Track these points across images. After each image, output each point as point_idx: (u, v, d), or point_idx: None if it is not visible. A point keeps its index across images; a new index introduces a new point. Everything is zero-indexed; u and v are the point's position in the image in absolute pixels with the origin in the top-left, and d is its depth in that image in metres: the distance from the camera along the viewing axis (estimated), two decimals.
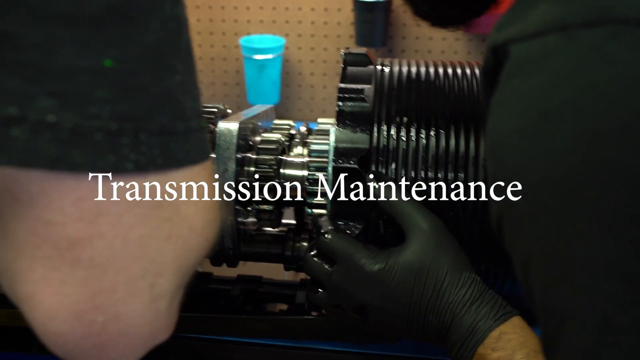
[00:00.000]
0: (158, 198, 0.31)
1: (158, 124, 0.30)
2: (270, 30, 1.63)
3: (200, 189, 0.34)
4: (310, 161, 0.60)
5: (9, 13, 0.26)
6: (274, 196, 0.62)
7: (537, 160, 0.29)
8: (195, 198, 0.34)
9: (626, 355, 0.27)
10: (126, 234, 0.31)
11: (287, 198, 0.63)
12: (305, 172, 0.62)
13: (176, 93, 0.31)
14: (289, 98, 1.73)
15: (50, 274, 0.30)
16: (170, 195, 0.32)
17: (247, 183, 0.62)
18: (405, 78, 0.57)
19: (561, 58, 0.29)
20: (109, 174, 0.29)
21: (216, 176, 0.58)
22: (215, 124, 0.65)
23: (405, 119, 0.54)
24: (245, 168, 0.62)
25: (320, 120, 0.69)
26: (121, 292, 0.32)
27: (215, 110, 0.67)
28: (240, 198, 0.60)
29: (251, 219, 0.66)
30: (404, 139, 0.54)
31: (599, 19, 0.28)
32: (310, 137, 0.69)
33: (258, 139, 0.66)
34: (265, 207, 0.63)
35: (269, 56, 1.50)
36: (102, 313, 0.32)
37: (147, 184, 0.30)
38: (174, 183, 0.32)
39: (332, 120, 0.65)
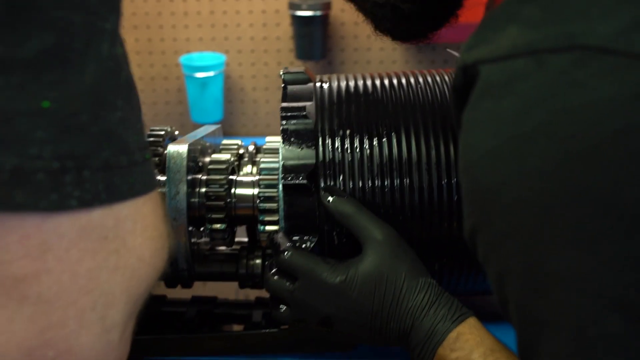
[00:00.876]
0: (104, 231, 0.32)
1: (100, 160, 0.31)
2: (210, 47, 1.63)
3: (146, 220, 0.35)
4: (261, 179, 0.61)
5: None
6: (226, 216, 0.63)
7: (512, 181, 0.31)
8: (141, 229, 0.34)
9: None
10: (74, 268, 0.31)
11: (239, 216, 0.64)
12: (256, 190, 0.63)
13: (117, 129, 0.32)
14: (233, 114, 1.74)
15: None
16: (116, 228, 0.33)
17: (198, 204, 0.63)
18: (344, 92, 0.59)
19: (531, 82, 0.30)
20: (53, 212, 0.29)
21: (168, 199, 0.59)
22: (164, 147, 0.66)
23: (347, 131, 0.56)
24: (197, 189, 0.63)
25: (268, 138, 0.70)
26: (71, 326, 0.32)
27: (163, 132, 0.68)
28: (192, 219, 0.61)
29: (204, 239, 0.67)
30: (348, 151, 0.56)
31: (566, 46, 0.30)
32: (259, 155, 0.70)
33: (207, 159, 0.67)
34: (218, 226, 0.64)
35: (210, 73, 1.50)
36: (52, 348, 0.32)
37: (92, 219, 0.31)
38: (120, 216, 0.33)
39: (280, 138, 0.67)
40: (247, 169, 0.69)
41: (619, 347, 0.29)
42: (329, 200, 0.54)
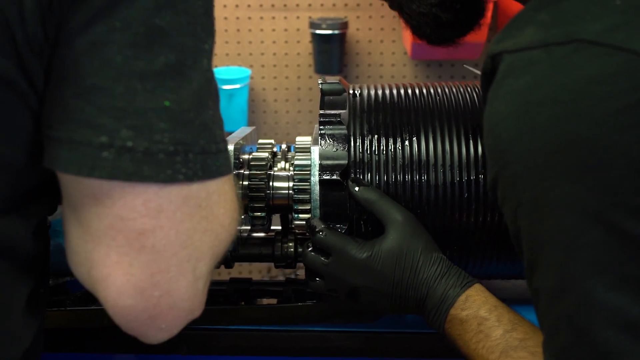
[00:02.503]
0: (199, 201, 0.40)
1: (199, 146, 0.39)
2: (236, 62, 1.76)
3: (227, 195, 0.43)
4: (295, 174, 0.71)
5: (103, 72, 0.36)
6: (265, 205, 0.74)
7: (524, 134, 0.41)
8: (223, 202, 0.42)
9: (583, 266, 0.39)
10: (178, 226, 0.39)
11: (276, 206, 0.75)
12: (291, 184, 0.74)
13: (210, 123, 0.40)
14: (256, 123, 1.86)
15: (122, 258, 0.38)
16: (207, 199, 0.40)
17: (241, 195, 0.73)
18: (373, 101, 0.70)
19: (542, 65, 0.42)
20: (168, 183, 0.38)
21: None
22: None
23: (375, 136, 0.67)
24: (240, 182, 0.74)
25: (298, 139, 0.81)
26: (173, 272, 0.40)
27: None
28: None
29: (244, 227, 0.78)
30: (375, 152, 0.66)
31: (568, 40, 0.41)
32: (290, 153, 0.81)
33: (246, 157, 0.77)
34: (258, 214, 0.74)
35: (237, 86, 1.63)
36: (158, 289, 0.40)
37: (192, 190, 0.39)
38: (209, 190, 0.40)
39: (309, 139, 0.77)
40: (281, 164, 0.78)
41: (598, 251, 0.39)
42: (356, 190, 0.64)
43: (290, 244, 0.77)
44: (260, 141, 0.82)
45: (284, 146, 0.83)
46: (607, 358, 0.38)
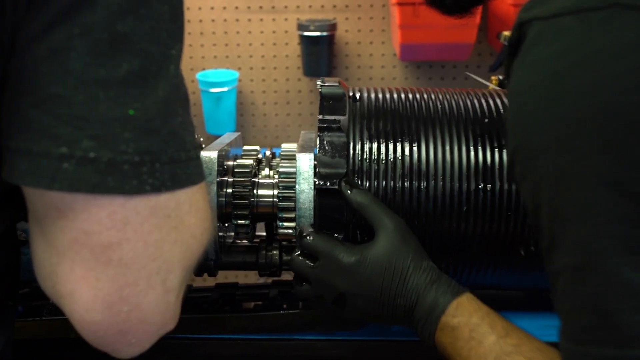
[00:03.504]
0: (168, 211, 0.39)
1: (167, 155, 0.37)
2: (224, 64, 1.75)
3: (198, 204, 0.42)
4: (280, 181, 0.70)
5: (62, 80, 0.35)
6: (249, 213, 0.73)
7: (552, 103, 0.39)
8: (194, 211, 0.41)
9: (610, 244, 0.37)
10: (146, 238, 0.38)
11: (260, 214, 0.73)
12: (275, 191, 0.72)
13: (179, 131, 0.39)
14: (244, 126, 1.85)
15: (88, 273, 0.37)
16: (177, 209, 0.39)
17: (225, 202, 0.72)
18: (374, 107, 0.68)
19: (574, 32, 0.39)
20: (134, 194, 0.36)
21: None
22: None
23: (374, 144, 0.65)
24: (224, 190, 0.72)
25: (284, 145, 0.80)
26: (142, 286, 0.38)
27: None
28: (219, 216, 0.71)
29: (230, 233, 0.77)
30: (375, 161, 0.65)
31: (604, 5, 0.39)
32: (275, 160, 0.80)
33: (231, 163, 0.76)
34: (242, 222, 0.72)
35: (224, 89, 1.62)
36: (127, 304, 0.38)
37: (160, 201, 0.38)
38: (180, 199, 0.39)
39: (295, 146, 0.75)
40: (265, 172, 0.77)
41: (627, 228, 0.37)
42: (348, 192, 0.62)
43: (275, 252, 0.76)
44: (245, 147, 0.81)
45: (268, 153, 0.82)
46: (633, 343, 0.36)
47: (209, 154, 0.69)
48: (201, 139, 0.84)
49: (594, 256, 0.37)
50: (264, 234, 0.80)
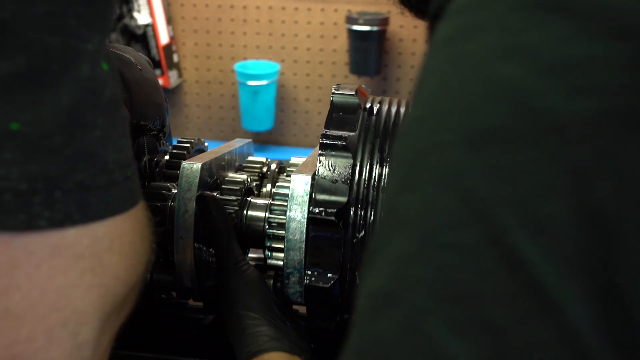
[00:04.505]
0: (79, 249, 0.32)
1: (74, 181, 0.30)
2: (267, 55, 1.64)
3: (124, 238, 0.35)
4: (272, 204, 0.59)
5: None
6: (237, 236, 0.62)
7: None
8: (119, 247, 0.34)
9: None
10: (44, 284, 0.31)
11: (249, 238, 0.63)
12: (268, 214, 0.61)
13: (96, 148, 0.31)
14: (284, 123, 1.73)
15: None
16: (92, 247, 0.33)
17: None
18: (391, 123, 0.56)
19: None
20: (22, 231, 0.29)
21: (177, 217, 0.57)
22: (185, 159, 0.65)
23: (385, 169, 0.53)
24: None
25: (293, 159, 0.68)
26: (40, 342, 0.32)
27: (189, 145, 0.67)
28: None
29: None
30: (382, 190, 0.53)
31: None
32: (281, 176, 0.69)
33: (229, 175, 0.65)
34: None
35: (263, 82, 1.51)
36: None
37: (65, 238, 0.31)
38: (96, 235, 0.32)
39: (302, 159, 0.64)
40: (267, 188, 0.67)
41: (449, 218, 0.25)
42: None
43: (270, 281, 0.65)
44: (249, 159, 0.70)
45: (273, 166, 0.70)
46: None
47: (191, 165, 0.58)
48: (206, 144, 0.73)
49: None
50: (261, 256, 0.69)
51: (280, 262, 0.58)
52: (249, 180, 0.64)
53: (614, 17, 0.23)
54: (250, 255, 0.69)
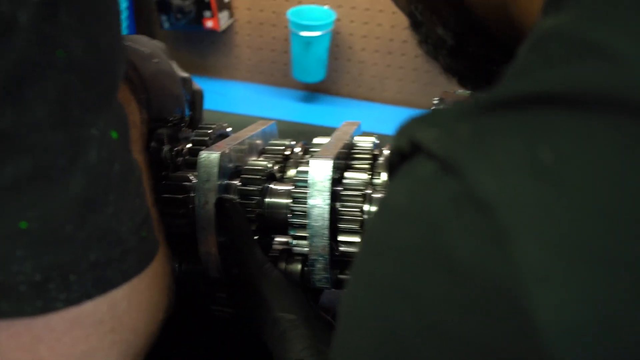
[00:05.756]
0: (98, 316, 0.33)
1: (88, 262, 0.31)
2: (323, 0, 1.55)
3: (141, 295, 0.36)
4: (294, 191, 0.56)
5: None
6: (258, 226, 0.59)
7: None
8: (136, 305, 0.36)
9: None
10: (68, 352, 0.33)
11: (273, 226, 0.60)
12: (290, 201, 0.57)
13: (110, 225, 0.32)
14: (337, 72, 1.66)
15: None
16: (111, 310, 0.34)
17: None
18: None
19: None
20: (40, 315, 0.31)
21: (197, 208, 0.55)
22: (208, 146, 0.62)
23: None
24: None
25: (316, 140, 0.64)
26: None
27: (210, 131, 0.63)
28: None
29: None
30: None
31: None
32: (306, 157, 0.65)
33: (251, 161, 0.62)
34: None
35: (316, 33, 1.43)
36: None
37: (83, 311, 0.32)
38: (115, 300, 0.33)
39: (326, 140, 0.60)
40: (291, 172, 0.63)
41: None
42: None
43: (297, 265, 0.63)
44: (270, 142, 0.66)
45: (297, 149, 0.66)
46: None
47: (209, 154, 0.55)
48: (229, 129, 0.69)
49: None
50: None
51: (305, 249, 0.57)
52: (270, 165, 0.60)
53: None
54: (276, 239, 0.67)
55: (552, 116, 0.19)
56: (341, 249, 0.56)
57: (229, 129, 0.67)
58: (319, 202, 0.53)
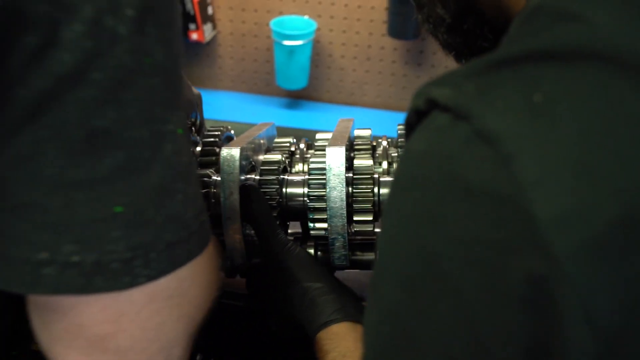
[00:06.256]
0: (169, 292, 0.38)
1: (164, 242, 0.35)
2: (303, 10, 1.62)
3: (201, 273, 0.41)
4: (310, 179, 0.62)
5: (33, 188, 0.31)
6: (278, 213, 0.64)
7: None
8: (197, 282, 0.40)
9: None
10: (144, 324, 0.37)
11: (290, 213, 0.66)
12: (306, 190, 0.63)
13: (179, 210, 0.36)
14: (318, 79, 1.73)
15: (84, 358, 0.37)
16: (179, 287, 0.38)
17: None
18: None
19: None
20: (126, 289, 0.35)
21: (222, 199, 0.60)
22: (220, 146, 0.67)
23: None
24: None
25: (318, 136, 0.70)
26: None
27: (219, 133, 0.69)
28: None
29: None
30: None
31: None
32: (310, 152, 0.71)
33: (261, 158, 0.68)
34: None
35: (299, 42, 1.49)
36: None
37: (158, 286, 0.36)
38: (181, 277, 0.38)
39: (330, 135, 0.67)
40: (299, 166, 0.69)
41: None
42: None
43: (310, 251, 0.68)
44: (276, 140, 0.72)
45: (302, 145, 0.72)
46: None
47: (230, 151, 0.60)
48: (232, 131, 0.76)
49: None
50: (300, 230, 0.72)
51: (323, 232, 0.62)
52: (283, 159, 0.66)
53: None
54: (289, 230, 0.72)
55: (541, 68, 0.27)
56: (355, 228, 0.62)
57: (232, 132, 0.73)
58: (337, 184, 0.59)
